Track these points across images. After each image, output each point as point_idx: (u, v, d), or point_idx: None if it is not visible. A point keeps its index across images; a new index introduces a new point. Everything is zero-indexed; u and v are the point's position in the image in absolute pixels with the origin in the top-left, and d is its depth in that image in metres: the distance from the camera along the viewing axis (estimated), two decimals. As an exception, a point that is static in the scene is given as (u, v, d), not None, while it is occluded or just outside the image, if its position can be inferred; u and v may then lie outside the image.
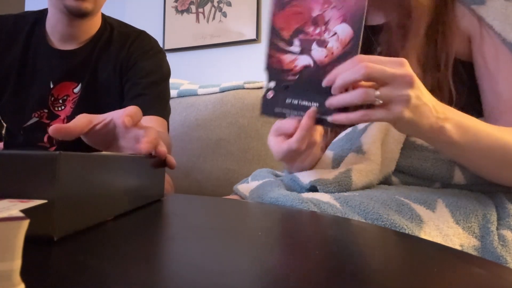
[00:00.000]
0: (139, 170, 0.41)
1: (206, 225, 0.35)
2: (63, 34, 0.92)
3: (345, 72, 0.45)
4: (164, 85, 0.98)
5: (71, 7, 0.85)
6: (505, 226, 0.50)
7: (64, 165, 0.25)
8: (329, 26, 0.49)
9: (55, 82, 0.93)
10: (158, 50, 1.01)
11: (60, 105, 0.94)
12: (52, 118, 0.94)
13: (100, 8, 0.93)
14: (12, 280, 0.15)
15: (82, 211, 0.28)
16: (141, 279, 0.20)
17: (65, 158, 0.25)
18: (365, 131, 0.60)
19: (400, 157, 0.58)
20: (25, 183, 0.25)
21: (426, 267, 0.26)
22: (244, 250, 0.27)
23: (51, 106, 0.93)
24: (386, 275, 0.24)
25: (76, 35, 0.93)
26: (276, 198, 0.52)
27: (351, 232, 0.37)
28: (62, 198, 0.25)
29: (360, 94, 0.43)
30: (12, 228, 0.15)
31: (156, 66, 0.98)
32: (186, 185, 1.34)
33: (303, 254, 0.27)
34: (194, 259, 0.24)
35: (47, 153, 0.25)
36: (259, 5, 1.87)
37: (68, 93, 0.94)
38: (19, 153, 0.25)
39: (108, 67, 0.95)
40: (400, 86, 0.43)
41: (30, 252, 0.20)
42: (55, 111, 0.94)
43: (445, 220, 0.49)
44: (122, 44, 0.96)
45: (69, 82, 0.94)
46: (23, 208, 0.20)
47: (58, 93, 0.93)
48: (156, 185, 0.46)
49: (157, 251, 0.26)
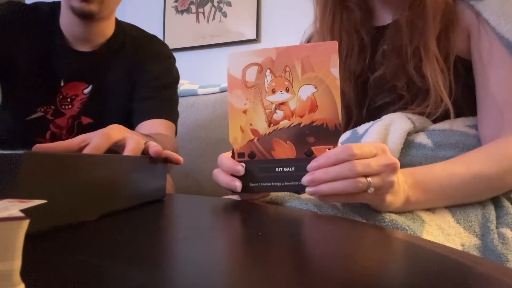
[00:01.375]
0: (130, 169, 0.40)
1: (206, 225, 0.35)
2: (75, 35, 0.92)
3: (332, 173, 0.42)
4: (173, 89, 0.98)
5: (76, 8, 0.84)
6: (504, 224, 0.50)
7: (28, 165, 0.25)
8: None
9: (66, 80, 0.92)
10: (168, 55, 1.01)
11: (68, 103, 0.93)
12: (58, 116, 0.94)
13: (111, 12, 0.92)
14: (12, 280, 0.15)
15: (50, 210, 0.27)
16: (141, 279, 0.20)
17: (29, 158, 0.25)
18: (365, 135, 0.61)
19: (400, 155, 0.58)
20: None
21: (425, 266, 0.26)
22: (244, 250, 0.27)
23: (58, 104, 0.93)
24: (386, 275, 0.24)
25: (88, 37, 0.92)
26: (276, 199, 0.52)
27: (352, 232, 0.37)
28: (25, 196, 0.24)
29: (354, 185, 0.42)
30: (12, 228, 0.15)
31: (166, 70, 0.98)
32: (186, 185, 1.34)
33: (303, 253, 0.27)
34: (194, 259, 0.24)
35: (11, 153, 0.24)
36: (259, 5, 1.87)
37: (77, 93, 0.93)
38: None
39: (120, 71, 0.95)
40: (388, 174, 0.43)
41: (30, 252, 0.20)
42: (61, 109, 0.93)
43: (446, 220, 0.49)
44: (134, 49, 0.96)
45: (80, 82, 0.93)
46: (23, 208, 0.20)
47: (67, 91, 0.93)
48: (156, 184, 0.46)
49: (157, 251, 0.26)
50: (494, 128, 0.57)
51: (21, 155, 0.24)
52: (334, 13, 0.71)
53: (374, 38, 0.70)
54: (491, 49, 0.58)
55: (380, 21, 0.71)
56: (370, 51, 0.70)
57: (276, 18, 1.83)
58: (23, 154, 0.24)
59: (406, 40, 0.63)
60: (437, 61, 0.60)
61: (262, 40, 1.88)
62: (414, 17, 0.62)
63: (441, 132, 0.59)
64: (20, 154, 0.24)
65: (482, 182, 0.51)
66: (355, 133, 0.65)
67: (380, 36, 0.69)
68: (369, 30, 0.70)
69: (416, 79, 0.61)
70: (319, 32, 0.74)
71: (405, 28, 0.63)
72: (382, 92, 0.67)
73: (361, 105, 0.70)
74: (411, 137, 0.59)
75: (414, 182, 0.48)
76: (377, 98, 0.68)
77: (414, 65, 0.62)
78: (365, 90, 0.70)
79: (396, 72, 0.64)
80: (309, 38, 0.83)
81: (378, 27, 0.70)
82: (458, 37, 0.61)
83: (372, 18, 0.72)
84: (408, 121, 0.60)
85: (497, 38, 0.57)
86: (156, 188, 0.46)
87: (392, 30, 0.66)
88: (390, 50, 0.65)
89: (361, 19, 0.70)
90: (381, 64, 0.67)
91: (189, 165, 1.34)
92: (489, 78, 0.59)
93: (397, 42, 0.64)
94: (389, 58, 0.65)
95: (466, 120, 0.62)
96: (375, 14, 0.72)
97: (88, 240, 0.27)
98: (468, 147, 0.57)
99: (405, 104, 0.63)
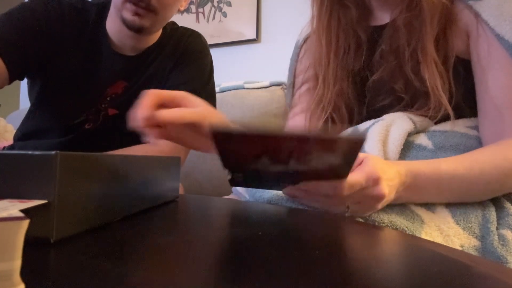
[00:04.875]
0: (150, 170, 0.40)
1: (206, 225, 0.35)
2: (122, 41, 0.90)
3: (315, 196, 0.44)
4: (207, 89, 0.96)
5: (128, 21, 0.81)
6: (505, 226, 0.50)
7: (62, 165, 0.25)
8: None
9: (110, 84, 0.91)
10: (203, 54, 0.99)
11: (107, 102, 0.92)
12: (95, 114, 0.92)
13: (162, 26, 0.90)
14: (12, 280, 0.15)
15: (83, 213, 0.28)
16: (141, 279, 0.20)
17: (63, 158, 0.25)
18: (366, 133, 0.61)
19: (399, 157, 0.58)
20: (24, 184, 0.24)
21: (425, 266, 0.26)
22: (244, 250, 0.27)
23: (98, 104, 0.92)
24: (386, 275, 0.24)
25: (135, 46, 0.91)
26: (276, 199, 0.52)
27: (351, 232, 0.37)
28: (61, 199, 0.25)
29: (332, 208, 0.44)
30: (12, 228, 0.15)
31: (198, 72, 0.96)
32: (186, 185, 1.34)
33: (303, 253, 0.27)
34: (194, 259, 0.24)
35: (44, 153, 0.24)
36: (259, 5, 1.87)
37: (117, 91, 0.92)
38: (17, 153, 0.25)
39: (157, 68, 0.94)
40: (370, 204, 0.44)
41: (30, 252, 0.20)
42: (100, 108, 0.92)
43: (446, 220, 0.49)
44: (173, 48, 0.95)
45: (121, 81, 0.92)
46: (23, 208, 0.20)
47: (109, 92, 0.92)
48: (171, 185, 0.45)
49: (159, 251, 0.26)
50: (495, 131, 0.57)
51: (52, 155, 0.24)
52: (331, 10, 0.70)
53: (372, 37, 0.69)
54: (490, 50, 0.58)
55: (377, 20, 0.71)
56: (368, 50, 0.69)
57: (276, 18, 1.84)
58: (54, 154, 0.24)
59: (404, 41, 0.62)
60: (435, 64, 0.59)
61: (262, 40, 1.88)
62: (411, 18, 0.62)
63: (441, 133, 0.59)
64: (51, 155, 0.24)
65: (482, 184, 0.51)
66: (356, 131, 0.64)
67: (378, 36, 0.68)
68: (366, 29, 0.70)
69: (414, 81, 0.61)
70: (316, 30, 0.74)
71: (403, 29, 0.62)
72: (381, 94, 0.66)
73: (361, 105, 0.70)
74: (412, 138, 0.59)
75: (413, 184, 0.48)
76: (375, 101, 0.67)
77: (411, 67, 0.61)
78: (364, 89, 0.70)
79: (393, 73, 0.64)
80: (306, 38, 0.82)
81: (376, 26, 0.70)
82: (456, 38, 0.61)
83: (369, 16, 0.72)
84: (409, 121, 0.59)
85: (496, 39, 0.57)
86: (171, 189, 0.45)
87: (390, 30, 0.65)
88: (388, 50, 0.65)
89: (357, 17, 0.70)
90: (379, 65, 0.66)
91: (189, 165, 1.34)
92: (488, 80, 0.58)
93: (395, 43, 0.64)
94: (387, 58, 0.65)
95: (467, 121, 0.61)
96: (373, 13, 0.72)
97: (88, 240, 0.27)
98: (469, 148, 0.57)
99: (405, 107, 0.63)
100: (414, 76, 0.61)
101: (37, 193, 0.24)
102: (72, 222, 0.26)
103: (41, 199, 0.24)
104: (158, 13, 0.82)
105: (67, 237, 0.26)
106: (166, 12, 0.84)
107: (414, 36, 0.61)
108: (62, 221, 0.25)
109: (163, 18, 0.85)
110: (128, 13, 0.80)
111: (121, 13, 0.81)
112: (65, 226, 0.26)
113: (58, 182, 0.24)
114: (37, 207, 0.22)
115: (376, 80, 0.66)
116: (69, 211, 0.26)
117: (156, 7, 0.80)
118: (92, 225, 0.29)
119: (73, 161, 0.26)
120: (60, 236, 0.25)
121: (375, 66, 0.67)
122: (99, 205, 0.30)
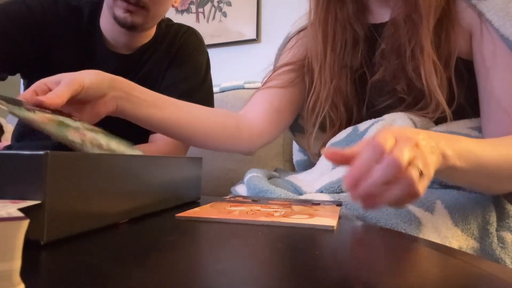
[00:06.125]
0: (163, 171, 0.39)
1: (206, 227, 0.35)
2: (116, 39, 0.89)
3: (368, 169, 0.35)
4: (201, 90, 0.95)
5: (119, 18, 0.81)
6: (505, 228, 0.49)
7: (52, 165, 0.24)
8: None
9: None
10: (199, 51, 0.98)
11: None
12: None
13: (156, 23, 0.90)
14: (12, 280, 0.15)
15: (77, 215, 0.27)
16: (141, 279, 0.20)
17: (53, 158, 0.24)
18: (366, 133, 0.60)
19: None
20: (15, 184, 0.24)
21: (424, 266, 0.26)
22: (244, 250, 0.27)
23: None
24: (386, 275, 0.24)
25: (129, 44, 0.90)
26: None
27: (351, 232, 0.37)
28: (52, 199, 0.24)
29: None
30: (12, 228, 0.15)
31: (195, 69, 0.95)
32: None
33: (303, 253, 0.27)
34: (195, 260, 0.24)
35: (34, 153, 0.24)
36: (259, 5, 1.87)
37: None
38: (6, 153, 0.24)
39: (153, 66, 0.93)
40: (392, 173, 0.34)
41: (30, 252, 0.19)
42: None
43: (444, 222, 0.49)
44: (168, 45, 0.95)
45: None
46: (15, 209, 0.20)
47: None
48: (190, 186, 0.44)
49: (159, 252, 0.26)
50: (500, 132, 0.55)
51: (42, 155, 0.23)
52: (327, 4, 0.69)
53: (371, 35, 0.68)
54: (495, 51, 0.57)
55: (376, 18, 0.70)
56: (367, 48, 0.68)
57: (276, 18, 1.84)
58: (44, 154, 0.24)
59: (405, 39, 0.61)
60: (432, 61, 0.58)
61: (262, 40, 1.88)
62: (410, 13, 0.60)
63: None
64: (41, 155, 0.23)
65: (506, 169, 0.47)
66: (356, 129, 0.64)
67: (378, 34, 0.67)
68: (363, 25, 0.69)
69: (416, 81, 0.60)
70: (312, 24, 0.72)
71: (403, 26, 0.61)
72: (382, 95, 0.66)
73: (360, 104, 0.70)
74: None
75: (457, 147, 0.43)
76: (377, 101, 0.67)
77: (413, 67, 0.61)
78: (364, 88, 0.69)
79: (395, 73, 0.63)
80: (299, 30, 0.80)
81: (375, 24, 0.69)
82: (459, 38, 0.60)
83: (367, 14, 0.71)
84: (410, 122, 0.59)
85: (501, 40, 0.56)
86: (191, 190, 0.44)
87: (390, 28, 0.64)
88: (389, 50, 0.64)
89: (354, 12, 0.69)
90: (380, 65, 0.66)
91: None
92: (493, 81, 0.57)
93: (396, 41, 0.63)
94: (388, 58, 0.64)
95: (469, 122, 0.60)
96: (371, 10, 0.71)
97: (88, 240, 0.27)
98: None
99: (407, 108, 0.62)
100: (415, 76, 0.60)
101: (28, 193, 0.23)
102: (64, 223, 0.25)
103: (32, 199, 0.23)
104: (150, 9, 0.82)
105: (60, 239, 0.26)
106: (158, 8, 0.84)
107: (414, 32, 0.60)
108: (53, 222, 0.24)
109: (155, 14, 0.85)
110: (120, 10, 0.80)
111: (113, 10, 0.81)
112: (56, 227, 0.25)
113: (49, 183, 0.24)
114: (28, 208, 0.22)
115: (377, 81, 0.66)
116: (61, 213, 0.25)
117: (147, 3, 0.80)
118: (87, 227, 0.28)
119: (64, 161, 0.25)
120: (51, 238, 0.24)
121: (375, 66, 0.67)
122: (95, 207, 0.29)
